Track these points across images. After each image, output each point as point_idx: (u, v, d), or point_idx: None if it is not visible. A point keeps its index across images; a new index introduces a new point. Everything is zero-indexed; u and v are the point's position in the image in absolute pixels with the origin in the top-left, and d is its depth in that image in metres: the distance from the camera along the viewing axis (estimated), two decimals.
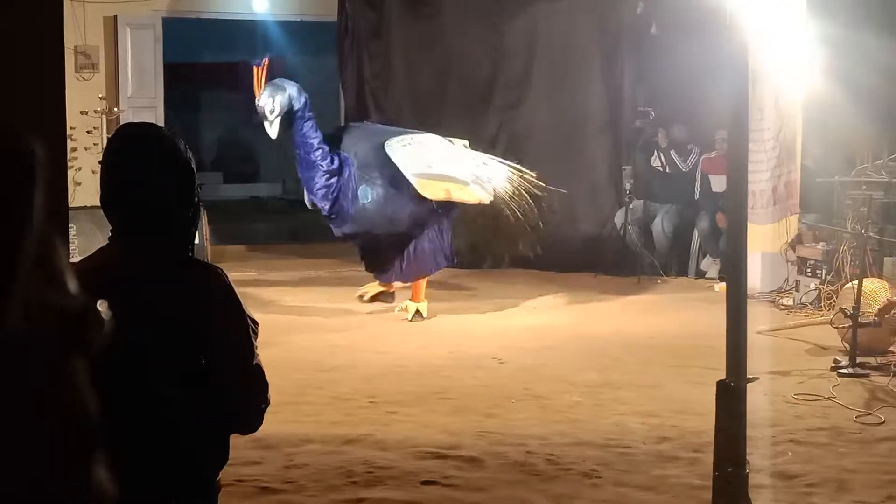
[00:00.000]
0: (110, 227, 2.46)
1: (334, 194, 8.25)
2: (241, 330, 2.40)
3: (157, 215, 2.40)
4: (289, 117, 8.16)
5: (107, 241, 2.47)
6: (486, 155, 9.14)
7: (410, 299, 8.65)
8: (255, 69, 8.20)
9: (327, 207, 8.31)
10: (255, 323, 2.46)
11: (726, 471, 3.26)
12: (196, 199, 2.46)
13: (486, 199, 8.71)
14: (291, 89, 8.15)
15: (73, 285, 0.53)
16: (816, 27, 8.62)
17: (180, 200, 2.42)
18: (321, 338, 7.88)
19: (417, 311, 8.56)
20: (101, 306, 0.54)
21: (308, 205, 8.58)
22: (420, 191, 8.36)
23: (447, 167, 8.58)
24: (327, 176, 8.21)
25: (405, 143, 8.51)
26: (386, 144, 8.40)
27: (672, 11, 10.12)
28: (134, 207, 2.41)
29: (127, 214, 2.42)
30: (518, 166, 9.09)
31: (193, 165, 2.47)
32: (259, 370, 2.43)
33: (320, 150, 8.21)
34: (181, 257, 2.44)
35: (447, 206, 8.60)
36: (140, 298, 2.29)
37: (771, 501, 4.56)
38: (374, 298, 8.75)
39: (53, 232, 0.50)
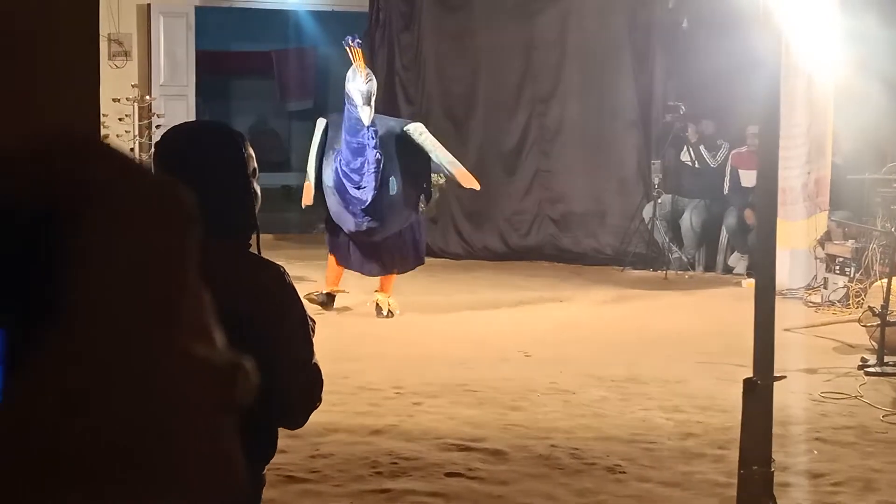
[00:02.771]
0: None
1: (377, 187, 7.65)
2: (304, 330, 2.40)
3: (219, 211, 2.35)
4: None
5: None
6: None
7: (381, 292, 8.39)
8: (349, 48, 7.65)
9: (368, 199, 7.67)
10: (314, 321, 2.45)
11: (751, 468, 3.25)
12: (254, 196, 2.42)
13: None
14: None
15: (219, 338, 0.52)
16: (849, 22, 8.54)
17: (242, 198, 2.38)
18: (348, 327, 7.90)
19: (389, 307, 8.32)
20: (248, 362, 0.53)
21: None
22: (463, 183, 8.06)
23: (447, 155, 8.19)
24: (376, 164, 7.65)
25: (420, 131, 8.02)
26: (409, 131, 7.91)
27: (704, 6, 10.07)
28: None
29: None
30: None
31: (254, 163, 2.41)
32: (317, 370, 2.42)
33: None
34: (244, 255, 2.40)
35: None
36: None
37: (796, 500, 4.55)
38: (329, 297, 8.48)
39: (201, 281, 0.50)
